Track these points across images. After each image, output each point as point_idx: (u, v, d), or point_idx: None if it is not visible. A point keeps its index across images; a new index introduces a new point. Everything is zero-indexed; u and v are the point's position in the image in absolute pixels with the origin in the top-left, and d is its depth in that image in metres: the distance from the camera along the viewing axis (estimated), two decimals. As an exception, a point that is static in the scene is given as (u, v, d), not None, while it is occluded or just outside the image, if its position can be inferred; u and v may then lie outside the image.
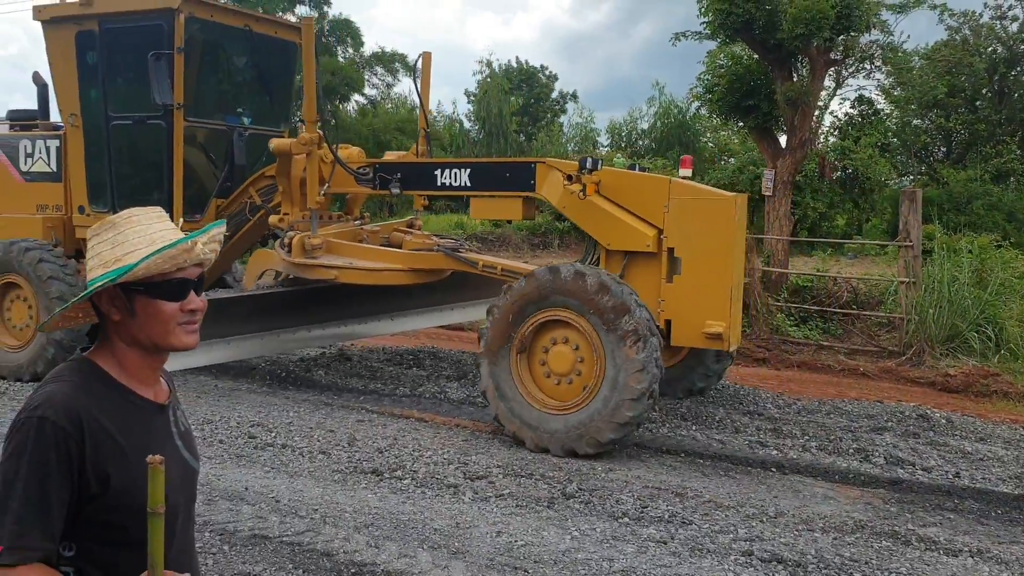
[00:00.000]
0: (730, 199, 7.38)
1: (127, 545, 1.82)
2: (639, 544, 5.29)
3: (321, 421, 7.86)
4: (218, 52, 10.21)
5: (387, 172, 8.74)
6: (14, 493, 1.71)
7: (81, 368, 1.88)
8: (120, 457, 1.80)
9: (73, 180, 9.93)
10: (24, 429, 1.74)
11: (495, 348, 7.31)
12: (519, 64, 45.75)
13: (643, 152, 33.65)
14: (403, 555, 5.01)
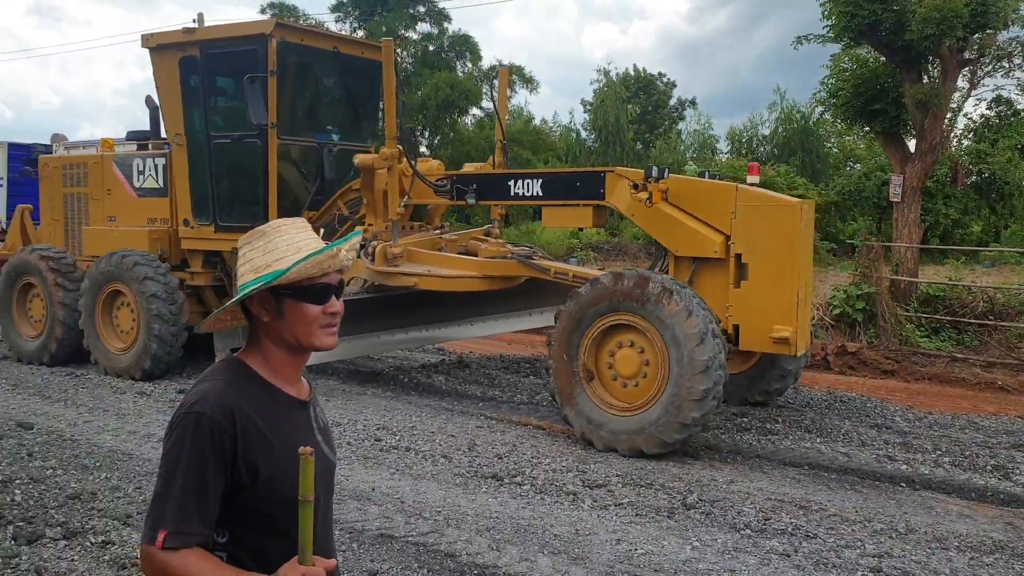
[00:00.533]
0: (795, 205, 7.41)
1: (274, 533, 1.96)
2: (761, 556, 5.21)
3: (442, 426, 8.05)
4: (308, 73, 10.79)
5: (463, 184, 9.09)
6: (175, 482, 1.86)
7: (232, 367, 2.03)
8: (268, 450, 1.94)
9: (178, 195, 10.56)
10: (183, 424, 1.89)
11: (563, 352, 7.51)
12: (636, 72, 45.51)
13: (765, 159, 32.89)
14: (524, 559, 5.10)
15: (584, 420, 7.41)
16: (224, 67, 10.12)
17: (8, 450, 7.03)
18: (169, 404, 8.72)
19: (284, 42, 9.69)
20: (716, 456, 7.29)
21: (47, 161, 12.32)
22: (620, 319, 7.26)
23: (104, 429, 7.76)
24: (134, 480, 6.37)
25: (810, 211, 7.80)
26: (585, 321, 7.42)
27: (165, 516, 1.83)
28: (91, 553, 5.08)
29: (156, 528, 1.83)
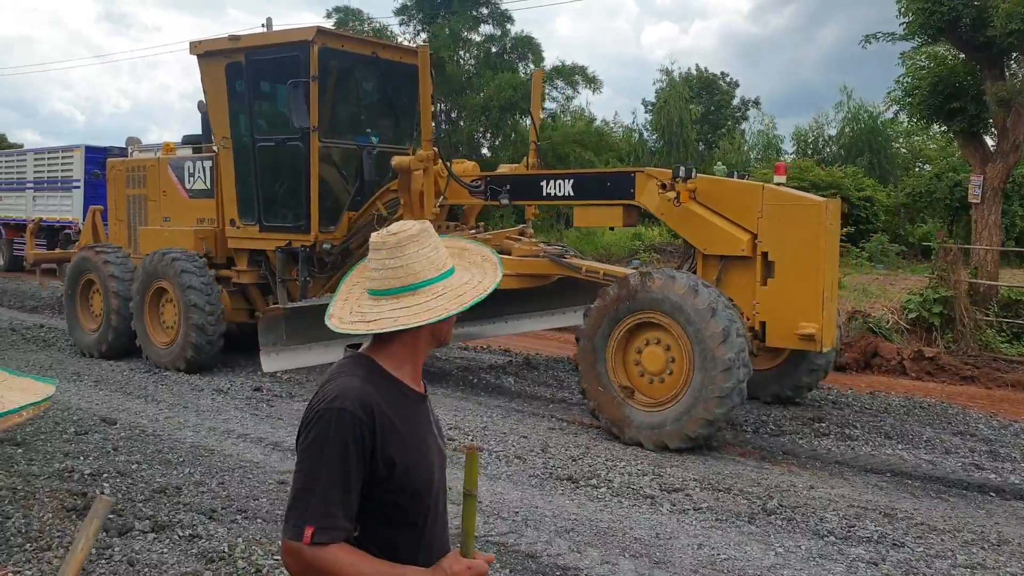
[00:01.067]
0: (821, 204, 7.54)
1: (404, 525, 1.97)
2: (848, 564, 5.10)
3: (514, 427, 8.05)
4: (349, 78, 11.04)
5: (497, 184, 9.28)
6: (319, 477, 1.86)
7: (362, 363, 2.04)
8: (401, 443, 1.95)
9: (225, 196, 10.89)
10: (325, 419, 1.90)
11: (591, 348, 7.68)
12: (699, 71, 45.06)
13: (831, 159, 32.27)
14: (606, 562, 5.07)
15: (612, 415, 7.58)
16: (268, 73, 10.44)
17: (94, 444, 7.22)
18: (246, 401, 8.88)
19: (325, 48, 9.93)
20: (794, 461, 7.16)
21: (113, 164, 12.89)
22: (646, 317, 7.43)
23: (184, 425, 7.93)
24: (216, 475, 6.49)
25: (836, 210, 7.93)
26: (612, 319, 7.60)
27: (311, 511, 1.84)
28: (179, 546, 5.19)
29: (302, 524, 1.83)
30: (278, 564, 4.94)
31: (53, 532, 5.36)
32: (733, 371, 6.96)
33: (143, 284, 10.61)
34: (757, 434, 7.92)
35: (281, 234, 10.45)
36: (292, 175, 10.42)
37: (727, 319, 7.02)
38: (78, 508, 5.73)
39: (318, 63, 9.75)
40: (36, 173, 22.79)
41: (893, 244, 25.63)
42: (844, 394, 9.50)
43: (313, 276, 10.43)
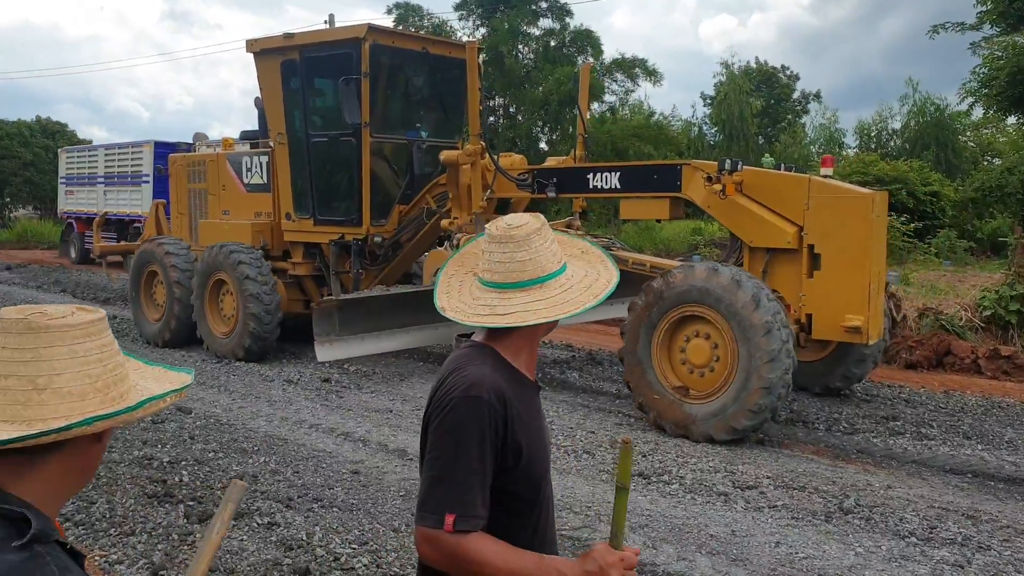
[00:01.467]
0: (868, 196, 7.54)
1: (522, 514, 1.97)
2: (932, 566, 4.98)
3: (580, 422, 8.03)
4: (400, 74, 11.17)
5: (544, 177, 9.31)
6: (458, 465, 1.86)
7: (487, 353, 2.03)
8: (526, 432, 1.95)
9: (281, 190, 11.13)
10: (461, 408, 1.89)
11: (637, 340, 7.70)
12: (758, 64, 44.42)
13: (896, 153, 31.54)
14: (682, 558, 5.02)
15: (658, 408, 7.63)
16: (321, 70, 10.60)
17: (171, 433, 7.39)
18: (316, 392, 9.00)
19: (376, 44, 10.07)
20: (869, 460, 7.02)
21: (175, 159, 13.31)
22: (691, 310, 7.44)
23: (257, 415, 8.06)
24: (291, 464, 6.59)
25: (883, 202, 7.92)
26: (658, 312, 7.62)
27: (451, 499, 1.83)
28: (259, 533, 5.28)
29: (442, 511, 1.82)
30: (356, 552, 5.00)
31: (136, 518, 5.50)
32: (777, 362, 6.96)
33: (203, 276, 10.86)
34: (830, 432, 7.78)
35: (334, 227, 10.67)
36: (344, 170, 10.62)
37: (770, 311, 7.02)
38: (159, 495, 5.87)
39: (369, 60, 9.92)
40: (107, 168, 23.38)
41: (961, 240, 24.96)
42: (917, 392, 9.28)
43: (365, 268, 10.65)
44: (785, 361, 6.99)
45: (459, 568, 1.84)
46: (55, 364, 1.36)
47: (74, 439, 1.40)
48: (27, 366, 1.36)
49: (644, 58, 31.71)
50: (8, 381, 1.36)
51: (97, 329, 1.42)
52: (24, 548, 1.33)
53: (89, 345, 1.40)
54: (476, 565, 1.81)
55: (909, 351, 10.96)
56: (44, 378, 1.36)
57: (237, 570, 4.79)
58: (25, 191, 41.74)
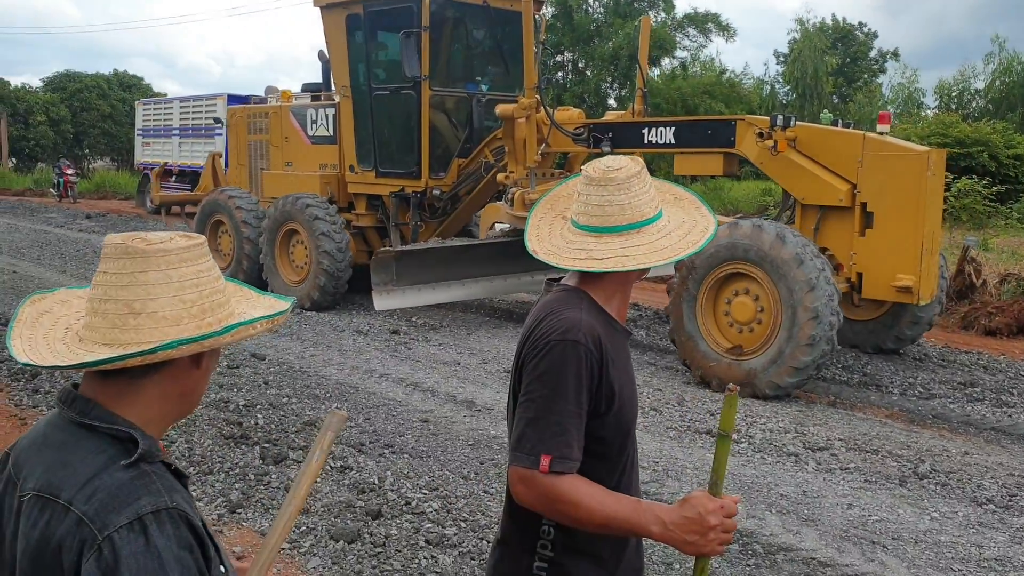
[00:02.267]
0: (923, 154, 7.35)
1: (607, 458, 1.96)
2: (1011, 534, 4.87)
3: (647, 379, 7.99)
4: (460, 27, 11.11)
5: (599, 132, 9.19)
6: (554, 407, 1.84)
7: (582, 297, 2.00)
8: (620, 377, 1.94)
9: (344, 143, 11.22)
10: (559, 351, 1.86)
11: (682, 299, 7.73)
12: (834, 21, 43.02)
13: (978, 115, 30.38)
14: (751, 516, 5.00)
15: (703, 364, 7.69)
16: (384, 23, 10.61)
17: (246, 378, 7.57)
18: (385, 343, 9.12)
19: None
20: (945, 426, 6.87)
21: (234, 111, 13.53)
22: (736, 267, 7.43)
23: (329, 363, 8.21)
24: (363, 411, 6.71)
25: (940, 161, 7.71)
26: (702, 270, 7.60)
27: (547, 440, 1.82)
28: (332, 476, 5.40)
29: (538, 452, 1.81)
30: (426, 497, 5.08)
31: (214, 458, 5.66)
32: (821, 319, 6.91)
33: (275, 224, 11.03)
34: (904, 396, 7.62)
35: (395, 180, 10.77)
36: (405, 123, 10.68)
37: (815, 267, 6.95)
38: (235, 436, 6.04)
39: (430, 13, 9.93)
40: (182, 120, 23.84)
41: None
42: (996, 359, 9.02)
43: (424, 221, 10.76)
44: (830, 318, 6.97)
45: (553, 509, 1.84)
46: (150, 289, 1.38)
47: (170, 363, 1.43)
48: (124, 290, 1.38)
49: (717, 13, 30.95)
50: (107, 305, 1.39)
51: (194, 255, 1.43)
52: (131, 467, 1.37)
53: (185, 271, 1.41)
54: (571, 506, 1.80)
55: (989, 317, 10.63)
56: (139, 303, 1.38)
57: (312, 510, 4.91)
58: (103, 143, 42.87)
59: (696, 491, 1.81)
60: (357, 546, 4.50)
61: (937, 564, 4.47)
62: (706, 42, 29.21)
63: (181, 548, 1.35)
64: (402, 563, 4.34)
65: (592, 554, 1.94)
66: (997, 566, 4.46)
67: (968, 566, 4.46)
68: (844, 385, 7.90)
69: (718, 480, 1.80)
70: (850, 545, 4.66)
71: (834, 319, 7.01)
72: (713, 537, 1.78)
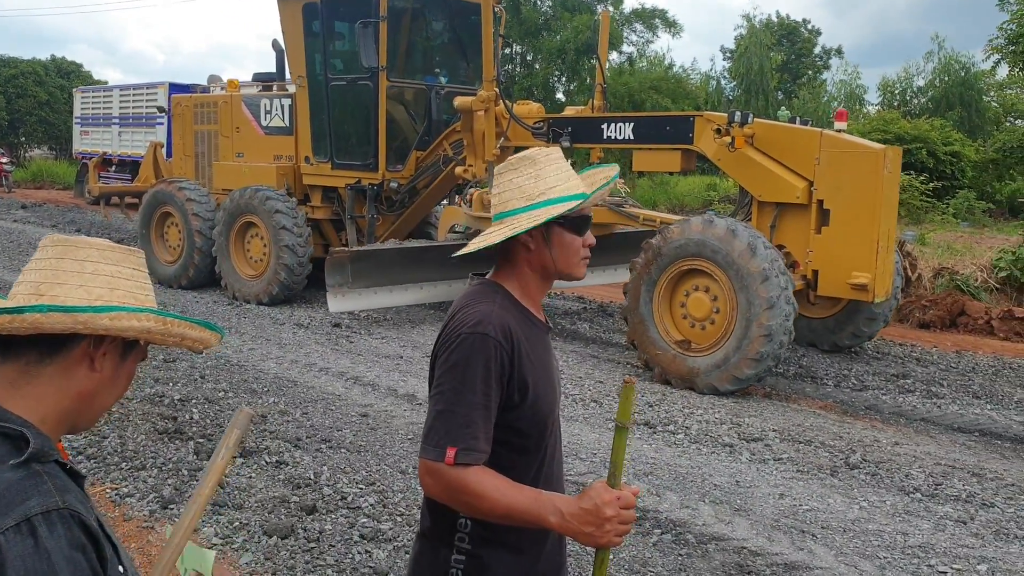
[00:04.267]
0: (880, 152, 7.42)
1: (526, 452, 1.97)
2: (935, 521, 5.00)
3: (589, 372, 8.05)
4: (419, 18, 11.04)
5: (559, 126, 9.21)
6: (462, 400, 1.86)
7: (497, 290, 2.02)
8: (533, 370, 1.95)
9: (300, 134, 11.11)
10: (468, 344, 1.88)
11: (642, 281, 7.73)
12: (780, 18, 43.68)
13: (919, 112, 31.07)
14: (685, 506, 5.06)
15: (661, 362, 7.68)
16: (341, 13, 10.52)
17: (182, 372, 7.45)
18: (326, 336, 9.04)
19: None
20: (877, 417, 7.03)
21: (179, 100, 13.19)
22: (701, 265, 7.43)
23: (268, 357, 8.11)
24: (300, 406, 6.64)
25: (896, 158, 7.81)
26: (657, 269, 7.66)
27: (453, 432, 1.83)
28: (267, 471, 5.34)
29: (444, 444, 1.82)
30: (362, 492, 5.05)
31: (147, 453, 5.56)
32: (773, 338, 6.95)
33: (230, 217, 10.84)
34: (838, 388, 7.77)
35: (351, 172, 10.65)
36: (362, 114, 10.57)
37: (778, 286, 6.98)
38: (169, 431, 5.94)
39: (387, 3, 9.82)
40: (122, 109, 23.31)
41: (980, 201, 24.71)
42: (929, 352, 9.25)
43: (381, 213, 10.63)
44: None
45: (458, 500, 1.85)
46: (60, 275, 1.38)
47: (64, 355, 1.39)
48: (37, 274, 1.39)
49: (664, 9, 31.18)
50: (18, 288, 1.40)
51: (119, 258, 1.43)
52: (21, 466, 1.33)
53: (104, 268, 1.40)
54: (475, 498, 1.81)
55: (923, 310, 10.90)
56: (46, 285, 1.37)
57: (245, 506, 4.84)
58: (40, 131, 41.70)
59: (596, 482, 1.82)
60: (291, 541, 4.46)
61: (864, 552, 4.57)
62: (653, 38, 29.39)
63: (73, 549, 1.31)
64: (336, 558, 4.31)
65: (509, 546, 1.94)
66: (920, 553, 4.58)
67: (893, 553, 4.57)
68: (780, 377, 8.04)
69: (616, 471, 1.81)
70: (780, 534, 4.74)
71: (785, 338, 7.07)
72: (609, 528, 1.78)
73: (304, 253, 10.36)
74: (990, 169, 27.82)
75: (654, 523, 4.82)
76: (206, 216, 11.29)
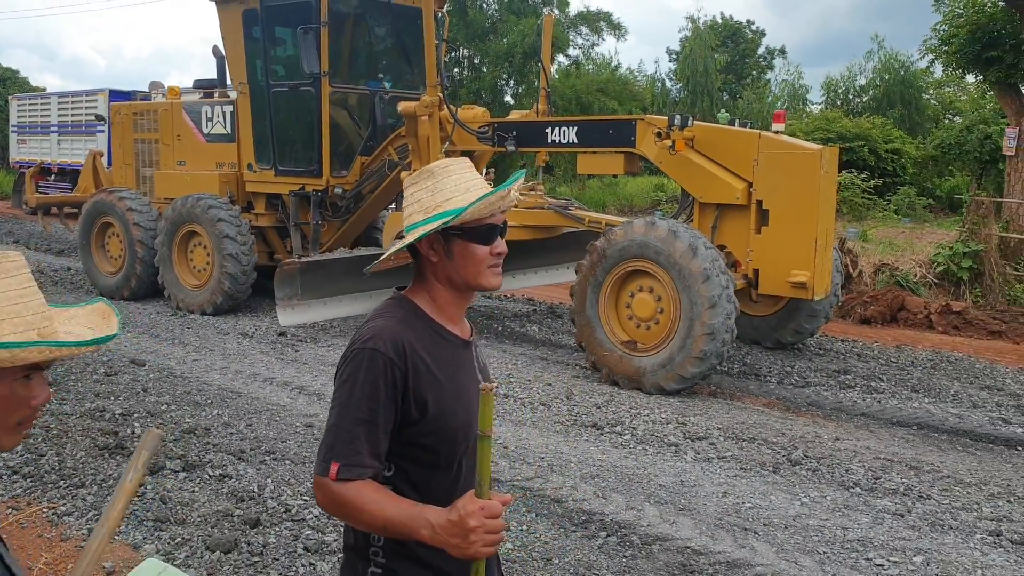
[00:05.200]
0: (816, 152, 7.58)
1: (437, 467, 1.98)
2: (874, 515, 5.11)
3: (538, 374, 8.08)
4: (361, 23, 10.98)
5: (503, 131, 9.29)
6: (347, 415, 1.87)
7: (401, 305, 2.03)
8: (436, 386, 1.94)
9: (242, 141, 11.00)
10: (357, 359, 1.90)
11: (588, 283, 7.81)
12: (724, 19, 44.26)
13: (861, 110, 31.70)
14: (630, 507, 5.10)
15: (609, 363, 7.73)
16: (282, 19, 10.43)
17: (124, 385, 7.31)
18: (271, 345, 8.95)
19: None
20: (819, 413, 7.15)
21: (119, 108, 12.95)
22: (644, 266, 7.53)
23: (211, 368, 8.00)
24: (244, 417, 6.56)
25: (833, 158, 7.98)
26: (602, 271, 7.74)
27: (337, 448, 1.84)
28: (210, 485, 5.27)
29: (329, 459, 1.84)
30: (307, 504, 5.01)
31: (86, 470, 5.45)
32: (716, 336, 7.09)
33: (172, 226, 10.67)
34: (781, 385, 7.90)
35: (295, 178, 10.56)
36: (304, 120, 10.49)
37: (719, 285, 7.11)
38: (110, 447, 5.82)
39: (328, 9, 9.77)
40: (60, 116, 22.81)
41: (920, 197, 25.27)
42: (870, 347, 9.45)
43: (326, 220, 10.56)
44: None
45: (343, 514, 1.88)
46: None
47: None
48: None
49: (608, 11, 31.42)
50: None
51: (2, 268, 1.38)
52: None
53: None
54: (356, 511, 1.83)
55: (864, 306, 11.12)
56: None
57: (188, 521, 4.78)
58: (-25, 139, 40.59)
59: (465, 495, 1.82)
60: (234, 556, 4.40)
61: (804, 548, 4.65)
62: (599, 41, 29.55)
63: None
64: (279, 571, 4.27)
65: (421, 559, 1.94)
66: (859, 547, 4.67)
67: (833, 548, 4.65)
68: (725, 375, 8.15)
69: (482, 481, 1.80)
70: (723, 532, 4.80)
71: (728, 336, 7.19)
72: (475, 539, 1.77)
73: (248, 262, 10.24)
74: (930, 166, 28.48)
75: (599, 526, 4.86)
76: (148, 226, 11.11)
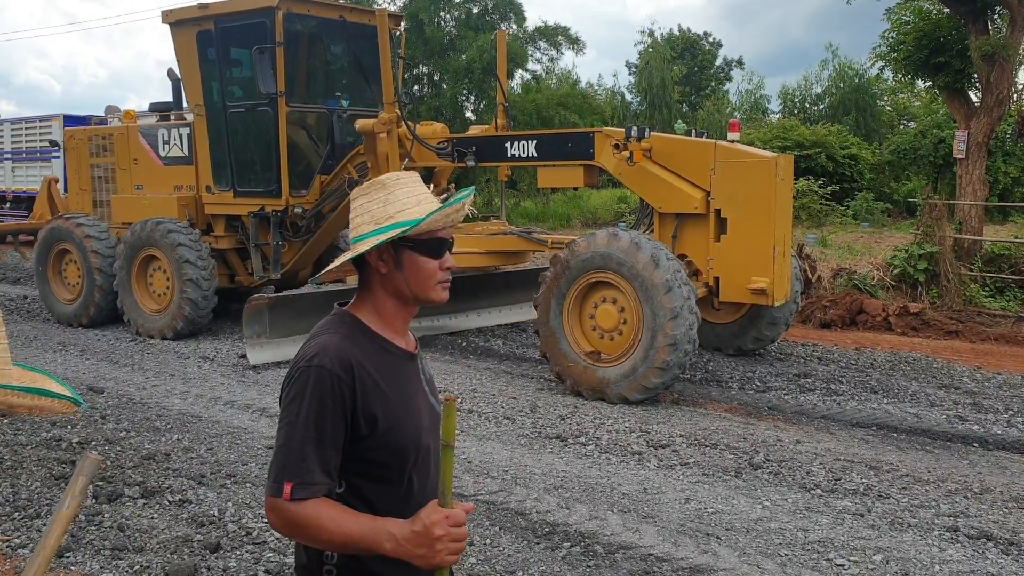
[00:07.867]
0: (771, 160, 7.68)
1: (387, 482, 1.96)
2: (834, 516, 5.16)
3: (503, 388, 8.08)
4: (316, 43, 11.02)
5: (463, 146, 9.35)
6: (296, 434, 1.85)
7: (344, 320, 2.02)
8: (384, 401, 1.94)
9: (200, 163, 10.94)
10: (303, 377, 1.88)
11: (552, 294, 7.85)
12: (681, 32, 44.79)
13: (817, 118, 32.19)
14: (594, 517, 5.10)
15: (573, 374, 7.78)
16: (237, 40, 10.40)
17: (82, 413, 7.19)
18: (232, 368, 8.86)
19: (291, 13, 9.92)
20: (780, 417, 7.22)
21: (73, 133, 12.82)
22: (607, 277, 7.57)
23: (171, 392, 7.91)
24: (205, 441, 6.49)
25: (787, 166, 8.09)
26: (566, 282, 7.78)
27: (289, 468, 1.82)
28: (169, 511, 5.20)
29: (281, 480, 1.82)
30: (268, 527, 4.95)
31: (42, 500, 5.34)
32: (678, 347, 7.14)
33: (131, 251, 10.55)
34: (743, 390, 7.97)
35: (254, 199, 10.49)
36: (262, 140, 10.44)
37: (681, 296, 7.17)
38: (66, 476, 5.72)
39: (283, 29, 9.74)
40: (14, 143, 22.50)
41: (878, 202, 25.71)
42: (830, 350, 9.56)
43: (287, 240, 10.48)
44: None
45: (299, 534, 1.85)
46: None
47: None
48: None
49: (566, 26, 31.64)
50: None
51: None
52: None
53: None
54: (313, 530, 1.81)
55: (823, 310, 11.27)
56: None
57: (147, 548, 4.70)
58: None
59: (428, 504, 1.83)
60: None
61: (766, 551, 4.69)
62: (557, 55, 29.75)
63: None
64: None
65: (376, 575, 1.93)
66: (820, 548, 4.71)
67: (794, 550, 4.69)
68: (687, 382, 8.20)
69: (445, 491, 1.82)
70: (686, 538, 4.82)
71: (690, 347, 7.24)
72: (440, 548, 1.79)
73: (209, 287, 10.16)
74: (886, 171, 28.99)
75: (563, 537, 4.85)
76: (105, 252, 10.98)
